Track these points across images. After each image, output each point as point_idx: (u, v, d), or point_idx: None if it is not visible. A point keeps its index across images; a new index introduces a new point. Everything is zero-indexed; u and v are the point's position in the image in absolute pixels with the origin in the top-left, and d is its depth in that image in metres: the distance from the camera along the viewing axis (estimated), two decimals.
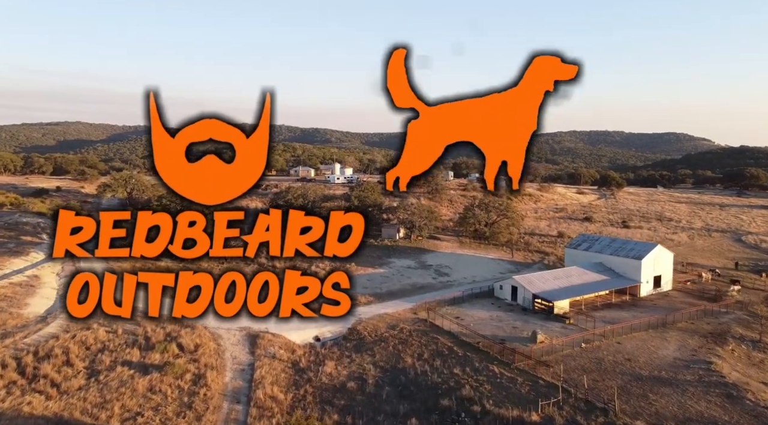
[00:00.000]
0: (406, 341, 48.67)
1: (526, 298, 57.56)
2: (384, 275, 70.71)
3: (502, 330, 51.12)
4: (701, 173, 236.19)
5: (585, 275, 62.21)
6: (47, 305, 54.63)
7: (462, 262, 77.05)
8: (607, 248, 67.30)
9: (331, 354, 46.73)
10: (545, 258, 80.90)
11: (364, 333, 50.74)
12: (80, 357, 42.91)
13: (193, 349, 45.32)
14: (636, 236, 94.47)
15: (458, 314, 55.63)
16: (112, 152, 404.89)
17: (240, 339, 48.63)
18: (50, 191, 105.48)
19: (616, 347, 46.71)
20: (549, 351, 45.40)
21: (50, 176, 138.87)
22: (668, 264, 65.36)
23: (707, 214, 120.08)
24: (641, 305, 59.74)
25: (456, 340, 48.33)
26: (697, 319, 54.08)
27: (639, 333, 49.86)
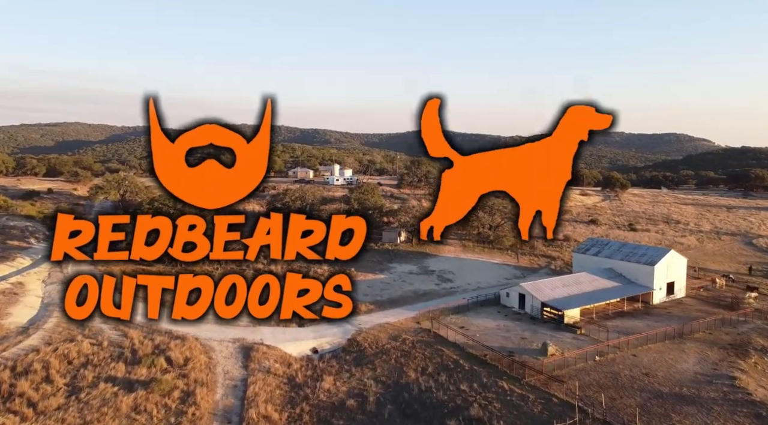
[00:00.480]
0: (408, 353, 45.96)
1: (535, 306, 54.85)
2: (385, 281, 67.97)
3: (510, 341, 48.40)
4: (704, 174, 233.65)
5: (595, 282, 59.50)
6: (30, 315, 51.85)
7: (466, 267, 74.33)
8: (617, 253, 64.60)
9: (330, 368, 44.01)
10: (552, 263, 78.18)
11: (365, 344, 48.01)
12: (61, 372, 40.16)
13: (183, 363, 42.58)
14: (644, 239, 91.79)
15: (463, 323, 52.91)
16: (111, 152, 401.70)
17: (233, 351, 45.89)
18: (41, 194, 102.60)
19: (632, 360, 44.00)
20: (561, 364, 42.69)
21: (43, 177, 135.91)
22: (681, 270, 62.69)
23: (715, 216, 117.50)
24: (654, 314, 57.03)
25: (462, 352, 45.61)
26: (715, 329, 51.38)
27: (655, 345, 47.16)
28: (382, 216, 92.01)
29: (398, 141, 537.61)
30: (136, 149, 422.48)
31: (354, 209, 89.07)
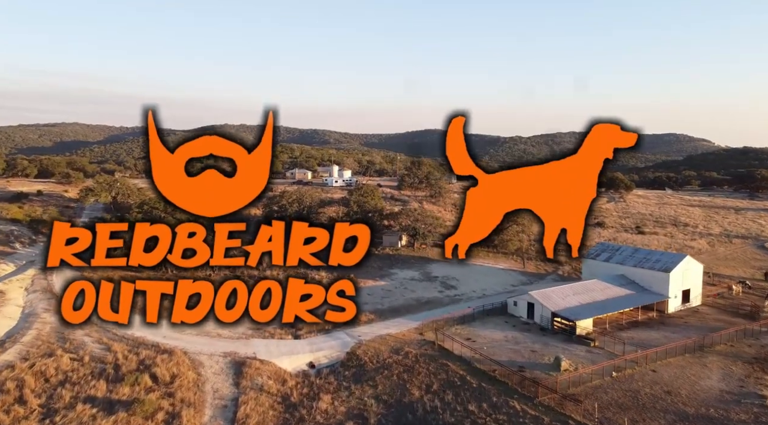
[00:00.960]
0: (412, 368, 42.96)
1: (544, 316, 51.83)
2: (386, 288, 64.93)
3: (519, 355, 45.37)
4: (707, 175, 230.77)
5: (607, 290, 56.49)
6: (9, 326, 48.85)
7: (470, 273, 71.29)
8: (629, 258, 61.59)
9: (327, 385, 41.03)
10: (559, 269, 75.17)
11: (365, 358, 45.00)
12: (36, 391, 37.14)
13: (169, 380, 39.56)
14: (653, 243, 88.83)
15: (469, 334, 49.90)
16: (109, 153, 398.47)
17: (224, 366, 42.85)
18: (30, 196, 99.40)
19: (652, 376, 41.00)
20: (576, 381, 39.68)
21: (34, 179, 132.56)
22: (697, 277, 59.72)
23: (723, 218, 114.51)
24: (670, 324, 54.04)
25: (469, 367, 42.61)
26: (737, 341, 48.39)
27: (675, 359, 44.18)
28: (382, 219, 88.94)
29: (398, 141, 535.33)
30: (134, 149, 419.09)
31: (353, 212, 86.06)
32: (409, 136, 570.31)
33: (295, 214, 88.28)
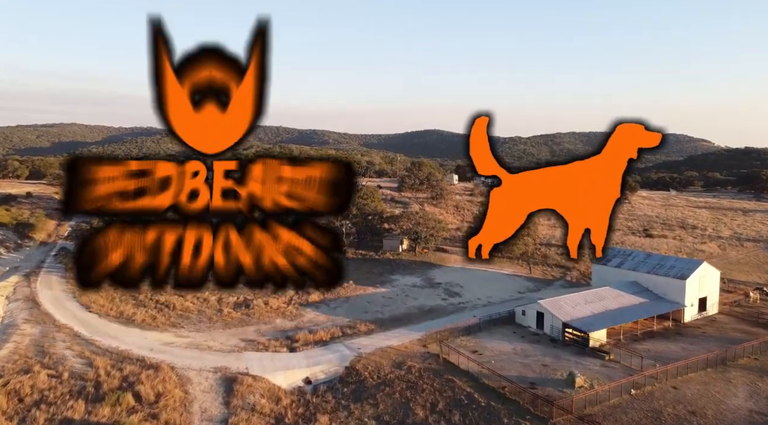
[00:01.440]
0: (415, 384, 40.10)
1: (555, 327, 48.97)
2: (386, 295, 62.02)
3: (530, 369, 42.51)
4: (710, 176, 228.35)
5: (621, 298, 53.64)
6: None
7: (474, 279, 68.39)
8: (642, 264, 58.73)
9: (324, 404, 38.16)
10: (567, 274, 72.30)
11: (365, 373, 42.11)
12: (8, 413, 34.23)
13: (154, 400, 36.65)
14: (662, 247, 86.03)
15: (475, 346, 47.04)
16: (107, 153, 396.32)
17: (213, 383, 39.93)
18: (18, 198, 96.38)
19: (674, 393, 38.16)
20: (593, 400, 36.85)
21: (25, 180, 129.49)
22: (714, 284, 56.89)
23: (731, 220, 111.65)
24: (688, 334, 51.19)
25: (476, 384, 39.77)
26: (761, 353, 45.57)
27: (696, 374, 41.37)
28: (382, 222, 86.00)
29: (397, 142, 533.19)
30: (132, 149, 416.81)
31: (353, 216, 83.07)
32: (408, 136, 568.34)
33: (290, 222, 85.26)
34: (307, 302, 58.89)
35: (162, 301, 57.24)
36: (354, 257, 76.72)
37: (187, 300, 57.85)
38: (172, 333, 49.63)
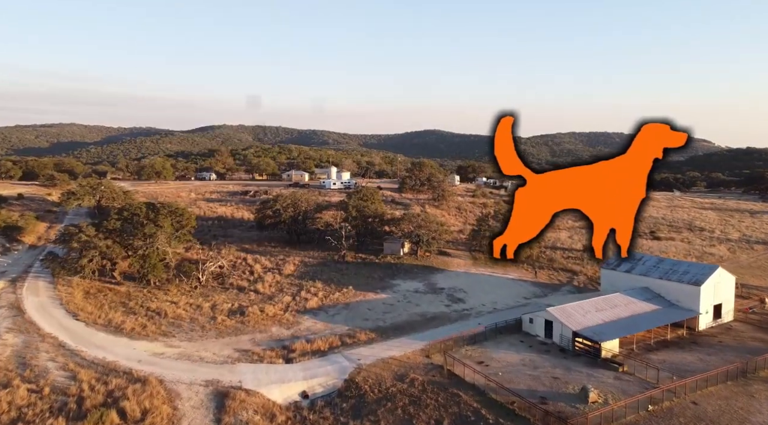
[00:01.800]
0: (418, 399, 37.77)
1: (564, 336, 46.61)
2: (387, 302, 59.62)
3: (540, 382, 40.13)
4: (713, 176, 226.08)
5: (632, 305, 51.29)
6: None
7: (478, 284, 66.00)
8: (654, 269, 56.35)
9: (322, 421, 35.87)
10: (574, 278, 69.92)
11: (365, 386, 39.76)
12: None
13: (140, 417, 34.31)
14: (671, 250, 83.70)
15: (481, 357, 44.69)
16: (106, 154, 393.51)
17: (204, 398, 37.54)
18: (9, 200, 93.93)
19: (694, 410, 35.81)
20: (608, 416, 34.51)
21: (18, 181, 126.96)
22: (730, 290, 54.58)
23: (739, 222, 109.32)
24: (703, 343, 48.83)
25: (483, 398, 37.41)
26: None
27: (716, 387, 39.04)
28: (383, 225, 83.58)
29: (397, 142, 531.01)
30: (131, 150, 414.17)
31: (352, 218, 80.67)
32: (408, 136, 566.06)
33: (289, 219, 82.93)
34: (305, 309, 56.53)
35: (153, 308, 54.89)
36: (353, 261, 74.35)
37: (179, 307, 55.49)
38: (163, 342, 47.24)
